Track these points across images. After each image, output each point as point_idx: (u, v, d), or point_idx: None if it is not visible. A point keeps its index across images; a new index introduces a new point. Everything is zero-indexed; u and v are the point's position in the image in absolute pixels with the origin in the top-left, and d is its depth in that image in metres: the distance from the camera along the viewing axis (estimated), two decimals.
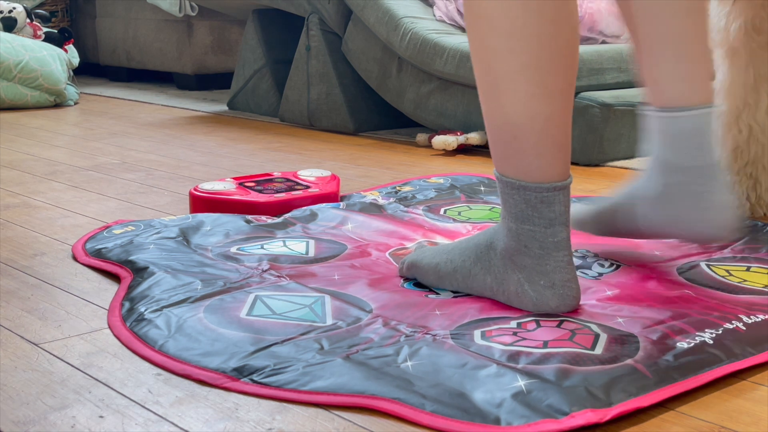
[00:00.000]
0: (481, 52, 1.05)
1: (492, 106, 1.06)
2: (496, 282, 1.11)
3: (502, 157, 1.08)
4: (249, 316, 1.09)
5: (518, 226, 1.07)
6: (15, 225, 1.61)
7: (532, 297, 1.07)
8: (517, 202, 1.07)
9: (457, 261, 1.16)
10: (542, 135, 1.05)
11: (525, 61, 1.02)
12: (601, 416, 0.82)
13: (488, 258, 1.12)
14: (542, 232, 1.06)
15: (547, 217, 1.05)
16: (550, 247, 1.06)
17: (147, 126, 2.95)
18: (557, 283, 1.06)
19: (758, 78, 1.58)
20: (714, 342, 0.99)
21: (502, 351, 0.96)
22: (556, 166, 1.06)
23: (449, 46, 2.43)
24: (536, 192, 1.05)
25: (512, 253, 1.08)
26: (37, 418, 0.86)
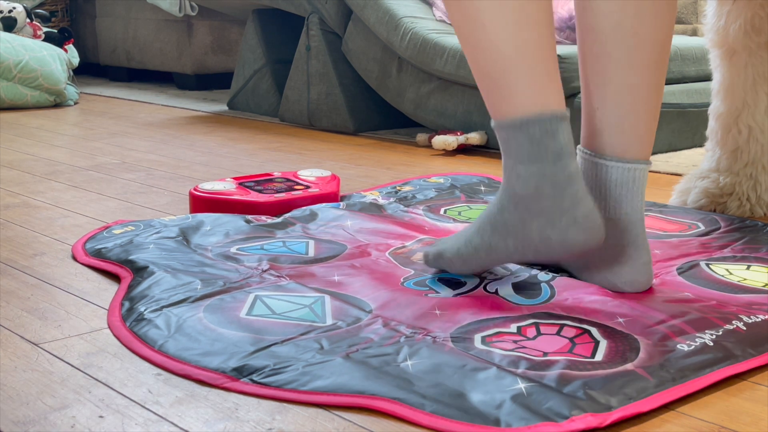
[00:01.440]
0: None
1: (479, 44, 1.05)
2: (518, 240, 1.09)
3: (497, 99, 1.07)
4: (249, 316, 1.09)
5: (526, 168, 1.05)
6: (15, 225, 1.61)
7: (557, 239, 1.05)
8: (520, 143, 1.05)
9: (475, 239, 1.15)
10: (533, 62, 1.04)
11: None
12: (601, 420, 0.82)
13: (503, 222, 1.10)
14: (551, 168, 1.04)
15: (553, 151, 1.04)
16: (563, 183, 1.04)
17: (147, 126, 2.95)
18: (579, 218, 1.05)
19: (757, 78, 1.58)
20: (714, 343, 0.99)
21: (502, 356, 0.96)
22: (552, 95, 1.05)
23: (449, 46, 2.43)
24: (539, 124, 1.03)
25: (527, 202, 1.06)
26: (37, 418, 0.86)
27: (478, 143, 2.34)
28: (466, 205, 1.67)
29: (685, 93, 2.37)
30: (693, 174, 1.69)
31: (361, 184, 1.95)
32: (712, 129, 1.65)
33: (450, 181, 1.87)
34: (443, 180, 1.88)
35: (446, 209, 1.64)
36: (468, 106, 2.42)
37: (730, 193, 1.62)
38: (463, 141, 2.31)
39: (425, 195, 1.75)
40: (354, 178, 2.02)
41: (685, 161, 2.16)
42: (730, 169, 1.63)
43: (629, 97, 1.14)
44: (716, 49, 1.62)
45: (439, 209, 1.64)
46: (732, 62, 1.60)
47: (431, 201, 1.70)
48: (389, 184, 1.89)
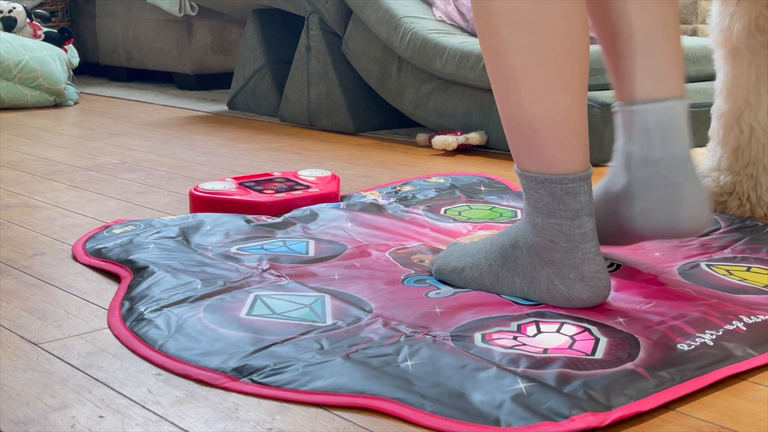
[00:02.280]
0: (497, 48, 1.06)
1: (510, 101, 1.07)
2: (526, 281, 1.11)
3: (523, 152, 1.09)
4: (249, 315, 1.09)
5: (544, 220, 1.07)
6: (15, 225, 1.61)
7: (563, 291, 1.08)
8: (542, 196, 1.07)
9: (483, 265, 1.16)
10: (562, 126, 1.06)
11: (542, 55, 1.04)
12: (601, 420, 0.82)
13: (515, 258, 1.12)
14: (569, 225, 1.06)
15: (572, 209, 1.06)
16: (577, 239, 1.06)
17: (147, 126, 2.95)
18: (587, 276, 1.07)
19: (760, 78, 1.58)
20: (714, 344, 0.99)
21: (502, 354, 0.96)
22: (578, 157, 1.07)
23: (449, 46, 2.43)
24: (561, 184, 1.06)
25: (539, 249, 1.09)
26: (37, 418, 0.86)
27: (478, 143, 2.34)
28: (466, 205, 1.67)
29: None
30: None
31: (361, 184, 1.95)
32: (714, 128, 1.65)
33: (450, 181, 1.87)
34: (443, 180, 1.88)
35: (446, 209, 1.64)
36: (468, 106, 2.41)
37: (730, 192, 1.62)
38: (463, 141, 2.31)
39: (425, 195, 1.75)
40: (354, 178, 2.02)
41: None
42: (731, 168, 1.63)
43: (646, 40, 1.18)
44: (720, 48, 1.62)
45: (440, 209, 1.64)
46: (735, 62, 1.60)
47: (431, 201, 1.70)
48: (389, 184, 1.89)
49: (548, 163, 1.07)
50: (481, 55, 2.34)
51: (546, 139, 1.06)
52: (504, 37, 1.05)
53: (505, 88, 1.08)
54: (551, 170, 1.06)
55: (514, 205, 1.68)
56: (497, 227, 1.51)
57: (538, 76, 1.05)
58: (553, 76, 1.05)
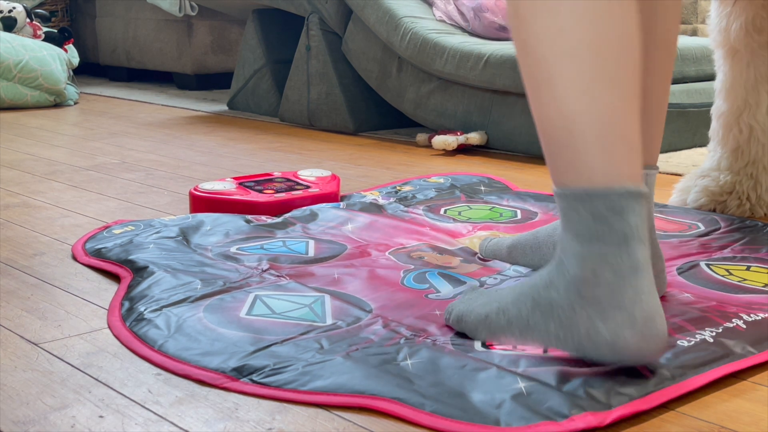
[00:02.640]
0: (526, 39, 0.92)
1: (544, 100, 0.91)
2: (562, 327, 0.91)
3: (560, 164, 0.91)
4: (249, 315, 1.09)
5: (584, 248, 0.88)
6: (15, 225, 1.61)
7: (606, 338, 0.87)
8: (582, 217, 0.89)
9: (511, 311, 0.97)
10: (606, 127, 0.88)
11: (579, 39, 0.88)
12: (601, 419, 0.82)
13: (548, 300, 0.92)
14: (615, 253, 0.87)
15: (619, 232, 0.87)
16: (626, 272, 0.87)
17: (147, 126, 2.95)
18: (638, 319, 0.87)
19: (759, 78, 1.58)
20: (714, 340, 0.99)
21: (502, 356, 0.96)
22: (627, 167, 0.89)
23: (449, 46, 2.43)
24: (605, 199, 0.87)
25: (579, 285, 0.89)
26: (37, 418, 0.86)
27: (478, 143, 2.34)
28: (466, 205, 1.67)
29: (685, 93, 2.37)
30: (694, 173, 1.69)
31: (361, 184, 1.95)
32: (714, 128, 1.65)
33: (450, 181, 1.87)
34: (443, 180, 1.88)
35: (446, 209, 1.64)
36: (468, 106, 2.41)
37: (730, 192, 1.62)
38: (463, 141, 2.31)
39: (425, 195, 1.75)
40: (354, 178, 2.02)
41: (685, 161, 2.16)
42: (731, 168, 1.63)
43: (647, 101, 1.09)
44: (719, 49, 1.62)
45: (440, 209, 1.64)
46: (734, 62, 1.60)
47: (431, 201, 1.70)
48: (389, 184, 1.89)
49: (589, 174, 0.89)
50: (481, 55, 2.34)
51: (586, 143, 0.89)
52: (532, 25, 0.90)
53: (537, 85, 0.92)
54: (593, 183, 0.88)
55: (514, 205, 1.68)
56: (497, 227, 1.51)
57: (574, 66, 0.88)
58: (594, 65, 0.88)
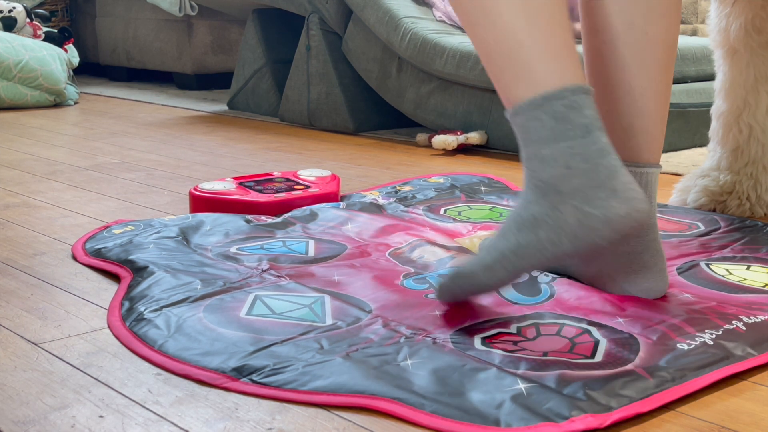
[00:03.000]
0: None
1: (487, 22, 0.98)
2: (551, 230, 0.97)
3: (512, 81, 0.98)
4: (248, 315, 1.09)
5: (553, 148, 0.96)
6: (15, 225, 1.61)
7: (598, 215, 0.95)
8: (543, 122, 0.96)
9: (500, 243, 1.01)
10: (548, 33, 0.96)
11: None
12: (601, 421, 0.82)
13: (530, 214, 0.98)
14: (581, 143, 0.95)
15: (580, 125, 0.95)
16: (595, 156, 0.95)
17: (147, 126, 2.95)
18: (619, 188, 0.95)
19: (758, 78, 1.58)
20: (714, 343, 0.99)
21: (502, 356, 0.96)
22: (572, 67, 0.97)
23: (449, 46, 2.43)
24: (561, 99, 0.95)
25: (556, 185, 0.96)
26: (37, 418, 0.86)
27: (478, 143, 2.34)
28: (466, 205, 1.67)
29: (685, 93, 2.37)
30: (694, 173, 1.69)
31: (361, 184, 1.95)
32: (714, 128, 1.65)
33: (450, 181, 1.87)
34: (443, 180, 1.88)
35: (446, 209, 1.64)
36: (468, 106, 2.42)
37: (729, 192, 1.62)
38: (463, 141, 2.31)
39: (425, 195, 1.75)
40: (354, 178, 2.02)
41: (685, 161, 2.16)
42: (731, 167, 1.63)
43: (640, 99, 1.12)
44: (719, 49, 1.62)
45: (439, 209, 1.64)
46: (734, 62, 1.60)
47: (431, 201, 1.70)
48: (389, 184, 1.89)
49: (542, 81, 0.96)
50: None
51: (531, 51, 0.96)
52: None
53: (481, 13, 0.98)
54: (546, 87, 0.96)
55: (513, 205, 1.68)
56: (497, 227, 1.51)
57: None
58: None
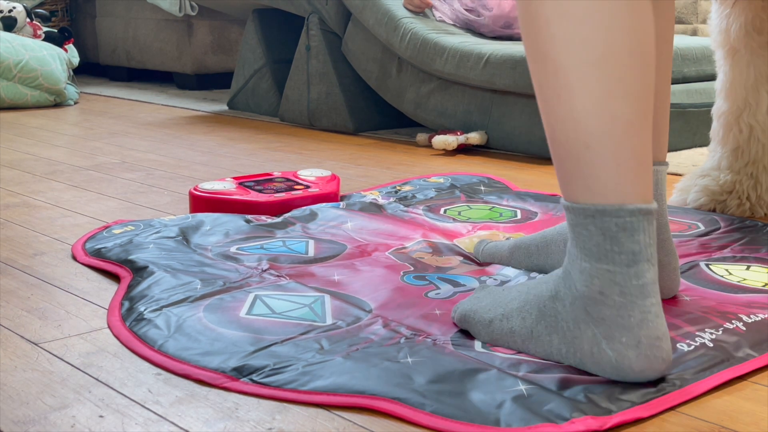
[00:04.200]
0: (545, 47, 0.89)
1: (559, 111, 0.89)
2: (565, 342, 0.92)
3: (571, 177, 0.90)
4: (248, 315, 1.09)
5: (593, 266, 0.89)
6: (15, 224, 1.61)
7: (611, 358, 0.88)
8: (591, 234, 0.88)
9: (515, 319, 0.98)
10: (621, 143, 0.87)
11: (601, 53, 0.86)
12: (601, 424, 0.82)
13: (554, 312, 0.93)
14: (623, 273, 0.87)
15: (629, 251, 0.87)
16: (634, 293, 0.87)
17: (147, 125, 2.95)
18: (643, 342, 0.87)
19: (759, 78, 1.58)
20: (714, 343, 0.99)
21: (503, 359, 0.96)
22: (638, 185, 0.88)
23: (449, 45, 2.43)
24: (616, 217, 0.87)
25: (585, 303, 0.90)
26: (37, 418, 0.86)
27: (478, 143, 2.34)
28: (466, 205, 1.67)
29: (685, 93, 2.37)
30: (694, 173, 1.70)
31: (361, 184, 1.95)
32: (714, 128, 1.66)
33: (450, 181, 1.87)
34: (443, 180, 1.88)
35: (446, 209, 1.64)
36: (468, 106, 2.41)
37: (729, 191, 1.62)
38: (463, 141, 2.31)
39: (425, 195, 1.75)
40: (354, 178, 2.02)
41: (685, 161, 2.16)
42: (731, 167, 1.63)
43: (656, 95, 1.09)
44: (720, 49, 1.62)
45: (439, 209, 1.64)
46: (734, 62, 1.60)
47: (431, 201, 1.70)
48: (389, 184, 1.89)
49: (601, 191, 0.88)
50: (481, 55, 2.34)
51: (600, 159, 0.87)
52: (555, 32, 0.87)
53: (554, 95, 0.89)
54: (605, 200, 0.87)
55: (513, 205, 1.68)
56: (497, 227, 1.51)
57: (595, 79, 0.86)
58: (614, 79, 0.86)
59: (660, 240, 1.09)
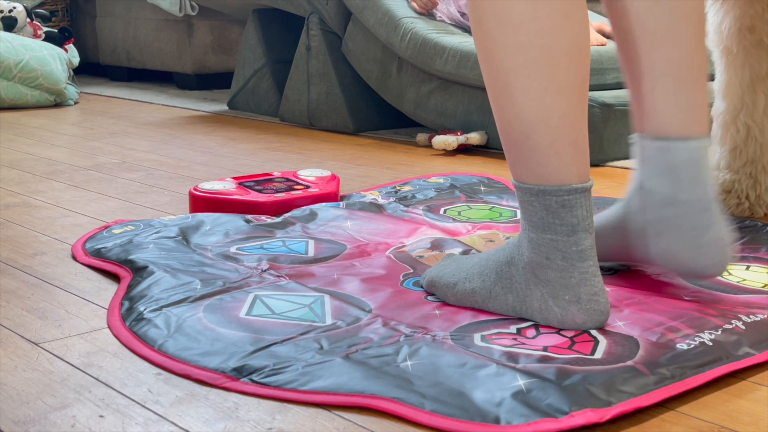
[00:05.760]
0: (490, 49, 1.01)
1: (503, 104, 1.02)
2: (518, 300, 1.05)
3: (517, 161, 1.03)
4: (248, 315, 1.09)
5: (539, 236, 1.02)
6: (15, 224, 1.61)
7: (557, 313, 1.02)
8: (536, 209, 1.02)
9: (476, 281, 1.10)
10: (557, 133, 1.00)
11: (536, 56, 0.99)
12: (600, 416, 0.82)
13: (509, 275, 1.06)
14: (564, 241, 1.00)
15: (569, 224, 1.00)
16: (574, 258, 1.01)
17: (147, 125, 2.95)
18: (583, 298, 1.01)
19: (754, 78, 1.58)
20: (713, 343, 0.99)
21: (501, 352, 0.96)
22: (575, 167, 1.01)
23: (449, 45, 2.43)
24: (556, 196, 1.00)
25: (534, 267, 1.03)
26: (37, 418, 0.86)
27: (478, 143, 2.34)
28: (466, 205, 1.67)
29: None
30: None
31: (361, 184, 1.95)
32: (713, 128, 1.65)
33: (450, 181, 1.87)
34: (443, 180, 1.88)
35: (446, 209, 1.64)
36: (468, 106, 2.42)
37: (728, 191, 1.62)
38: (463, 141, 2.31)
39: (425, 195, 1.75)
40: (354, 178, 2.02)
41: None
42: (730, 167, 1.63)
43: (681, 71, 1.12)
44: (715, 48, 1.62)
45: (439, 209, 1.64)
46: (730, 62, 1.60)
47: (431, 201, 1.70)
48: (389, 184, 1.89)
49: (543, 174, 1.01)
50: None
51: (540, 147, 1.00)
52: (496, 38, 1.00)
53: (498, 91, 1.02)
54: (546, 181, 1.01)
55: (513, 205, 1.68)
56: (497, 227, 1.51)
57: (531, 78, 0.99)
58: (548, 78, 0.99)
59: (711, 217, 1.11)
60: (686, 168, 1.12)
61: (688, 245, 1.11)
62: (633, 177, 1.18)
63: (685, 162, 1.12)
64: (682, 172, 1.12)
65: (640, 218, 1.15)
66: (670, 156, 1.12)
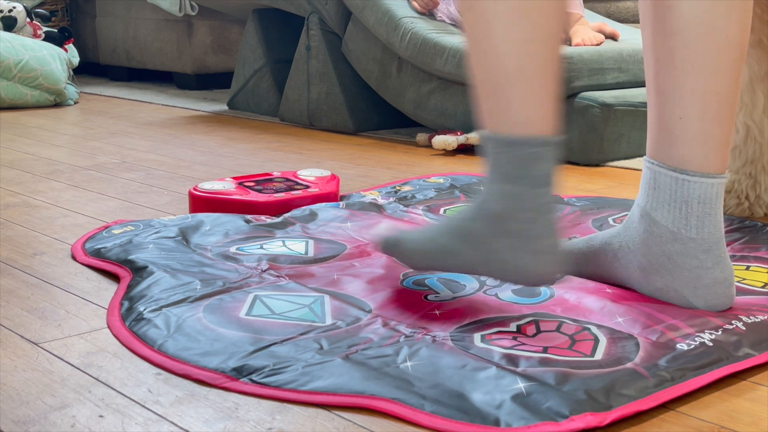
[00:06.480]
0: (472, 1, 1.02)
1: (485, 52, 1.02)
2: (482, 255, 1.05)
3: (492, 111, 1.04)
4: (248, 315, 1.09)
5: (503, 187, 1.03)
6: (15, 224, 1.61)
7: (515, 265, 1.03)
8: (504, 160, 1.03)
9: (442, 240, 1.10)
10: (534, 82, 1.01)
11: (517, 4, 1.00)
12: (600, 420, 0.82)
13: (473, 231, 1.06)
14: (529, 193, 1.02)
15: (534, 176, 1.01)
16: (537, 210, 1.02)
17: (147, 125, 2.95)
18: (544, 249, 1.02)
19: (753, 77, 1.58)
20: (713, 343, 0.99)
21: (501, 354, 0.96)
22: (547, 118, 1.02)
23: (449, 45, 2.43)
24: (525, 146, 1.01)
25: (497, 220, 1.04)
26: (37, 418, 0.86)
27: (478, 143, 2.34)
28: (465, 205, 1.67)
29: None
30: None
31: (361, 184, 1.95)
32: None
33: (450, 181, 1.87)
34: (443, 180, 1.88)
35: (446, 209, 1.64)
36: (468, 106, 2.41)
37: (728, 191, 1.62)
38: (463, 141, 2.31)
39: (425, 195, 1.75)
40: (354, 178, 2.02)
41: None
42: (729, 167, 1.63)
43: (715, 105, 1.07)
44: None
45: (439, 209, 1.64)
46: None
47: (431, 201, 1.70)
48: (389, 184, 1.89)
49: (516, 122, 1.01)
50: None
51: (515, 95, 1.01)
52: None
53: (480, 38, 1.02)
54: (518, 131, 1.01)
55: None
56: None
57: (514, 25, 1.00)
58: (532, 26, 1.00)
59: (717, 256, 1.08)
60: (700, 204, 1.08)
61: (690, 285, 1.09)
62: (637, 202, 1.14)
63: (700, 198, 1.08)
64: (695, 207, 1.08)
65: (642, 249, 1.12)
66: (685, 190, 1.08)
